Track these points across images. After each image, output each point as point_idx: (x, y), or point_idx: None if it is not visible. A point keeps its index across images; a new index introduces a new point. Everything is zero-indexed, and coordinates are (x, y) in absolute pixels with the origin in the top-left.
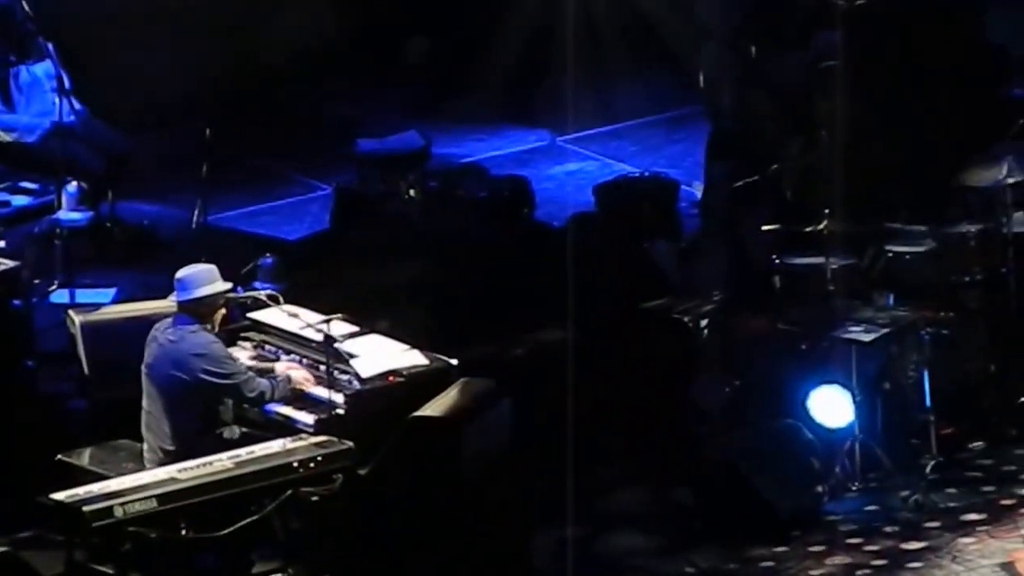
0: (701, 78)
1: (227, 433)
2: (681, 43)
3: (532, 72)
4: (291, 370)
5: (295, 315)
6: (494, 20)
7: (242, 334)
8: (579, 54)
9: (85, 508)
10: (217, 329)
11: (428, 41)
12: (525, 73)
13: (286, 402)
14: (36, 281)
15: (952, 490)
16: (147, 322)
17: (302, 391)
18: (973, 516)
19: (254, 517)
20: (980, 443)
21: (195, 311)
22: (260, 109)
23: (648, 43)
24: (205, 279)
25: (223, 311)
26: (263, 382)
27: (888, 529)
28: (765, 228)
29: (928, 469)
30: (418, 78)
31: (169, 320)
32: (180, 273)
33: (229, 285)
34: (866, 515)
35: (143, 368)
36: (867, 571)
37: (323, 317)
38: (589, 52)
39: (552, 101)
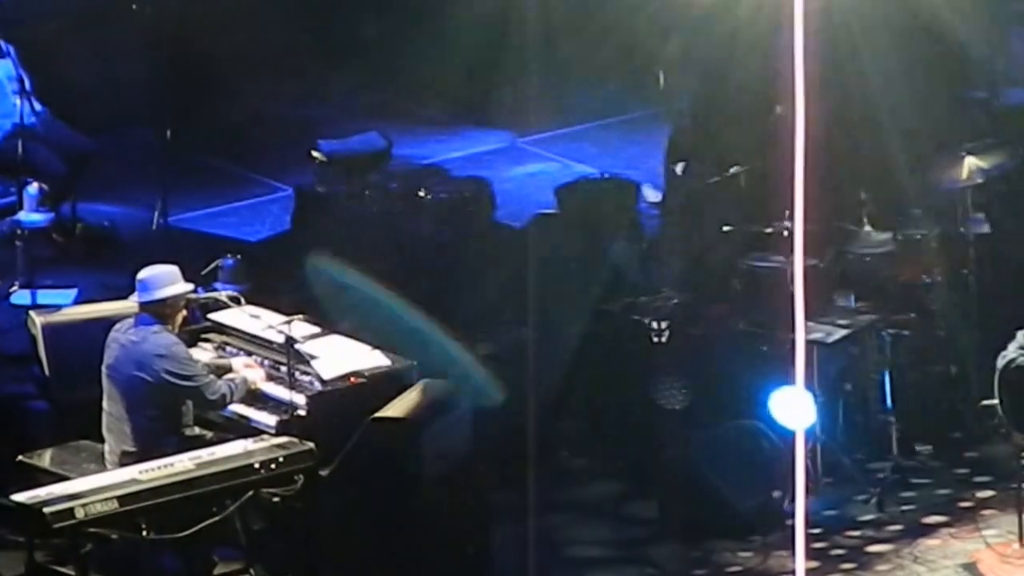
0: (661, 79)
1: (188, 434)
2: (641, 45)
3: (492, 74)
4: (246, 369)
5: (256, 316)
6: (453, 21)
7: (203, 335)
8: (539, 56)
9: (46, 509)
10: (177, 330)
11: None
12: (485, 75)
13: (247, 403)
14: None
15: (913, 492)
16: (108, 323)
17: (260, 391)
18: (935, 517)
19: (215, 518)
20: (941, 444)
21: (157, 312)
22: (220, 110)
23: (607, 45)
24: (167, 280)
25: (184, 312)
26: (222, 385)
27: (850, 531)
28: (725, 229)
29: (889, 470)
30: (379, 80)
31: (130, 321)
32: (142, 274)
33: (191, 286)
34: (827, 517)
35: (104, 369)
36: (829, 573)
37: (284, 318)
38: (549, 54)
39: (512, 103)
